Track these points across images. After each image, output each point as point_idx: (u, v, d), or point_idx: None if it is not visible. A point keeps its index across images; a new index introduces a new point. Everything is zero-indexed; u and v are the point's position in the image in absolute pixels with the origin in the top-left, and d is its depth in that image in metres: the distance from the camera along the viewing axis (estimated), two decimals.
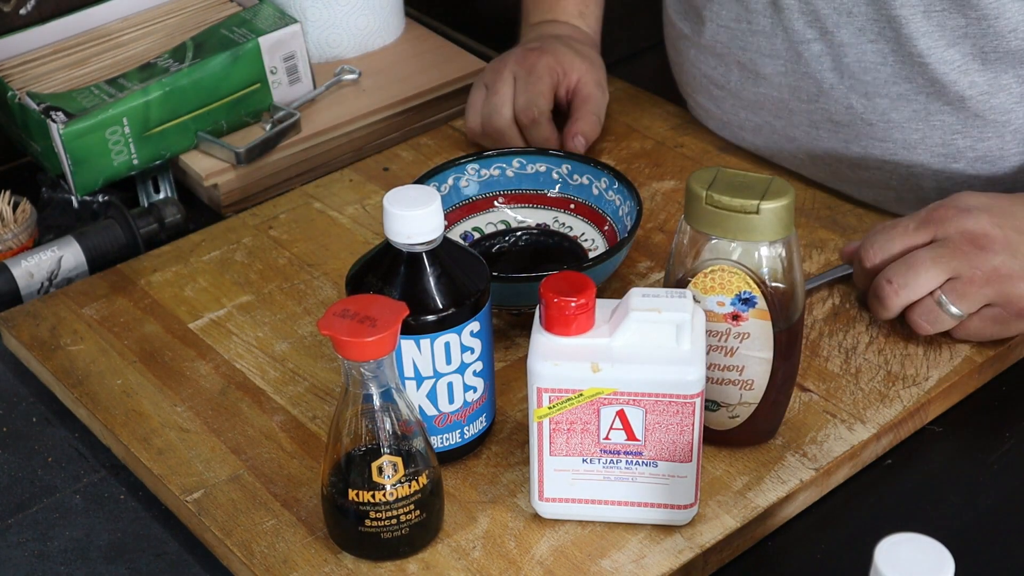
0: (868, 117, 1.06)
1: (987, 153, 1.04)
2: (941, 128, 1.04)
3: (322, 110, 1.26)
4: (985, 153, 1.05)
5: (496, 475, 0.88)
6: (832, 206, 1.11)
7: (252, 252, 1.09)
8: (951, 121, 1.03)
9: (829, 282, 1.02)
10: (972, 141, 1.04)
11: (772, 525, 0.86)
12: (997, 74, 1.01)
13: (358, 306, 0.77)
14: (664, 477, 0.81)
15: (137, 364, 0.98)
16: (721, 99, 1.16)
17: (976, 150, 1.04)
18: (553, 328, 0.79)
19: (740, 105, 1.14)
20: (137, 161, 1.17)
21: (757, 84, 1.11)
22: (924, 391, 0.93)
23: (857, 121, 1.07)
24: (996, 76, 1.01)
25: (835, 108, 1.07)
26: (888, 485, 0.90)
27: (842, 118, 1.07)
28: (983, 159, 1.05)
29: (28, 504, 0.90)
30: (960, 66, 1.01)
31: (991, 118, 1.02)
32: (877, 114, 1.05)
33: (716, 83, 1.16)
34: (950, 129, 1.04)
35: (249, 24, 1.23)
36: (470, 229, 1.06)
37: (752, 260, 0.81)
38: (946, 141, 1.05)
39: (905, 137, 1.05)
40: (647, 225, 1.10)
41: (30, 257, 1.08)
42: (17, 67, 1.21)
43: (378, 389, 0.78)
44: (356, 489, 0.79)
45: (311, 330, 1.01)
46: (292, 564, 0.82)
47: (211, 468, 0.89)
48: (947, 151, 1.05)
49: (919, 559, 0.60)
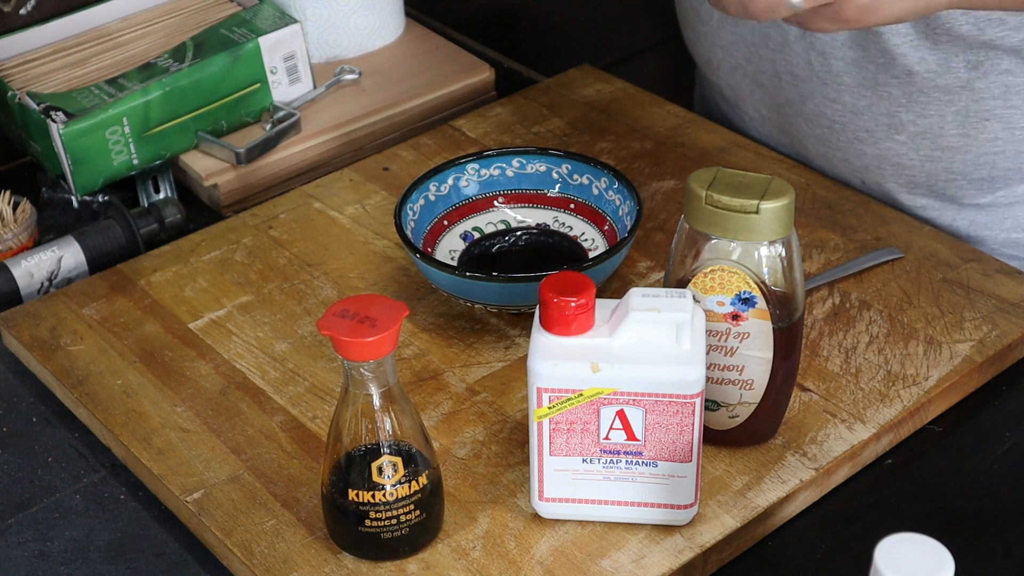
0: (823, 76, 1.09)
1: (927, 129, 1.08)
2: (888, 99, 1.07)
3: (322, 110, 1.26)
4: (926, 129, 1.08)
5: (496, 475, 0.88)
6: (832, 206, 1.11)
7: (252, 252, 1.09)
8: (897, 94, 1.07)
9: (829, 282, 1.02)
10: (914, 116, 1.07)
11: (772, 525, 0.86)
12: (947, 56, 1.03)
13: (358, 306, 0.77)
14: (664, 477, 0.81)
15: (137, 364, 0.98)
16: (704, 35, 1.20)
17: (918, 125, 1.08)
18: (553, 328, 0.79)
19: (718, 44, 1.18)
20: (137, 161, 1.17)
21: (735, 24, 1.15)
22: (924, 391, 0.93)
23: (814, 78, 1.10)
24: (946, 57, 1.03)
25: (796, 61, 1.11)
26: (888, 485, 0.90)
27: (801, 72, 1.11)
28: (923, 135, 1.08)
29: (28, 504, 0.90)
30: (912, 41, 1.03)
31: (935, 96, 1.06)
32: (831, 75, 1.09)
33: (701, 19, 1.19)
34: (895, 101, 1.07)
35: (249, 24, 1.23)
36: (470, 229, 1.06)
37: (752, 260, 0.81)
38: (891, 112, 1.08)
39: (854, 101, 1.09)
40: (647, 225, 1.10)
41: (30, 257, 1.08)
42: (17, 67, 1.21)
43: (378, 389, 0.78)
44: (356, 489, 0.79)
45: (311, 330, 1.01)
46: (292, 564, 0.82)
47: (211, 468, 0.89)
48: (891, 122, 1.08)
49: (919, 559, 0.60)
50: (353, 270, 1.07)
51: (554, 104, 1.26)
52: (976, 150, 1.09)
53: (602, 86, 1.28)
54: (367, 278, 1.06)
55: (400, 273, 1.06)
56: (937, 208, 1.14)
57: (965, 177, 1.11)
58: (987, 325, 0.98)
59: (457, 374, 0.96)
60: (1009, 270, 1.03)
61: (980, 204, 1.13)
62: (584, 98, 1.26)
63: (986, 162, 1.10)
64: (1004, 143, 1.08)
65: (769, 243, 0.81)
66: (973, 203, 1.13)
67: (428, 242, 1.03)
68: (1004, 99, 1.06)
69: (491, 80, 1.32)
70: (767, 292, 0.82)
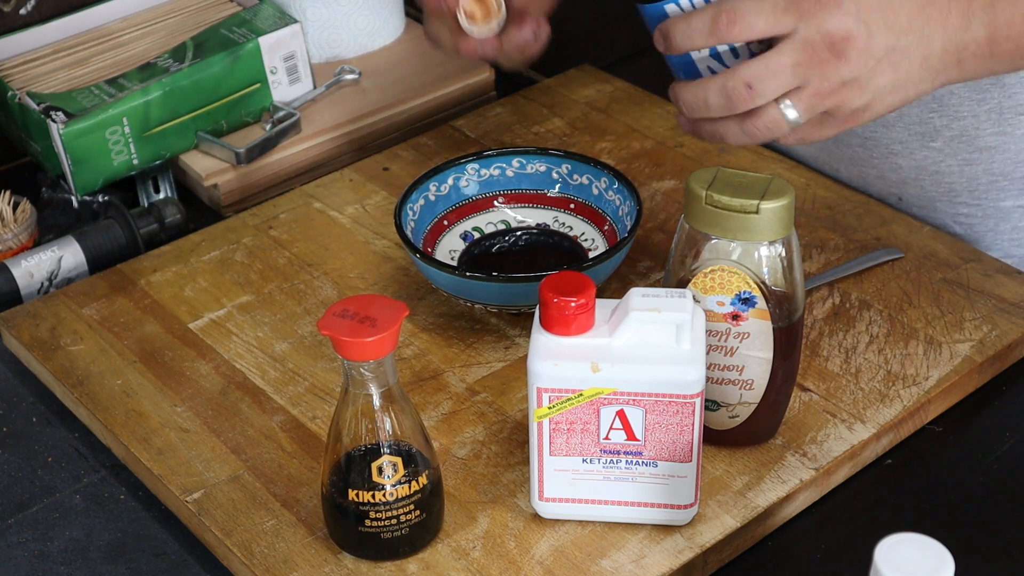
0: None
1: (963, 132, 1.05)
2: (918, 105, 1.05)
3: (322, 110, 1.26)
4: (961, 132, 1.05)
5: (496, 475, 0.88)
6: (832, 206, 1.11)
7: (252, 252, 1.09)
8: (927, 99, 1.04)
9: (829, 282, 1.02)
10: (948, 120, 1.05)
11: (772, 525, 0.86)
12: None
13: (358, 306, 0.77)
14: (664, 477, 0.81)
15: (137, 364, 0.98)
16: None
17: (952, 129, 1.05)
18: (553, 328, 0.79)
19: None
20: (137, 161, 1.17)
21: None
22: (924, 391, 0.93)
23: None
24: None
25: None
26: (888, 485, 0.90)
27: None
28: (959, 138, 1.06)
29: (28, 504, 0.90)
30: None
31: (966, 96, 1.03)
32: None
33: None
34: (926, 107, 1.05)
35: (249, 24, 1.23)
36: (470, 229, 1.06)
37: (752, 260, 0.81)
38: (923, 119, 1.06)
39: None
40: (647, 225, 1.10)
41: (30, 257, 1.08)
42: (17, 67, 1.21)
43: (378, 389, 0.78)
44: (356, 489, 0.79)
45: (311, 330, 1.01)
46: (292, 564, 0.82)
47: (211, 468, 0.89)
48: (924, 129, 1.06)
49: (919, 559, 0.60)
50: (353, 270, 1.07)
51: (554, 104, 1.26)
52: (1015, 147, 1.07)
53: (602, 86, 1.28)
54: (367, 278, 1.06)
55: (400, 273, 1.06)
56: (979, 217, 1.13)
57: (1007, 177, 1.09)
58: (987, 325, 0.98)
59: (457, 374, 0.96)
60: (1009, 270, 1.03)
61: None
62: (584, 98, 1.26)
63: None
64: None
65: (769, 243, 0.81)
66: (1019, 204, 1.12)
67: (428, 242, 1.03)
68: None
69: (491, 80, 1.32)
70: (767, 292, 0.82)
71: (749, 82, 0.84)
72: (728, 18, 0.84)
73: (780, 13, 0.84)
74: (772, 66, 0.84)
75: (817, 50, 0.83)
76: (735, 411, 0.86)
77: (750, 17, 0.84)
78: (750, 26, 0.84)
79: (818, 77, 0.84)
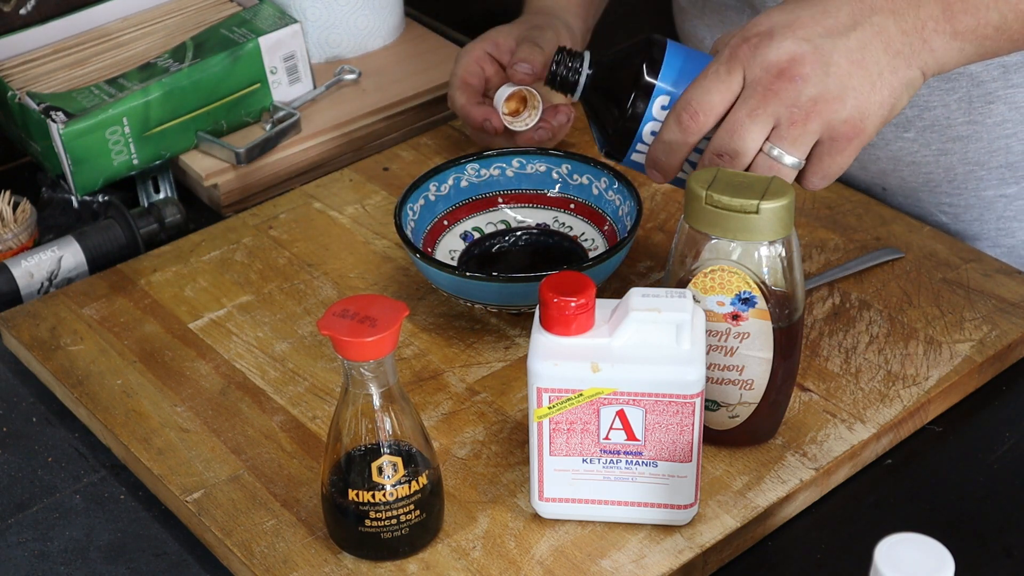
0: None
1: (934, 122, 1.06)
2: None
3: (322, 110, 1.26)
4: (932, 122, 1.07)
5: (496, 475, 0.88)
6: (832, 206, 1.11)
7: (252, 252, 1.09)
8: None
9: (829, 282, 1.02)
10: (919, 110, 1.06)
11: (772, 525, 0.86)
12: None
13: (358, 306, 0.77)
14: (664, 477, 0.81)
15: (137, 364, 0.98)
16: (697, 37, 1.22)
17: (924, 119, 1.07)
18: (553, 328, 0.79)
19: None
20: (137, 161, 1.17)
21: (732, 26, 1.14)
22: (924, 391, 0.93)
23: None
24: None
25: None
26: (888, 485, 0.90)
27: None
28: (931, 128, 1.07)
29: (28, 504, 0.90)
30: None
31: (935, 86, 1.04)
32: None
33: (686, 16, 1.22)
34: None
35: (249, 24, 1.23)
36: (470, 229, 1.06)
37: (752, 260, 0.81)
38: None
39: None
40: (647, 225, 1.10)
41: (30, 257, 1.08)
42: (17, 67, 1.21)
43: (378, 389, 0.78)
44: (356, 489, 0.79)
45: (311, 330, 1.01)
46: (292, 564, 0.82)
47: (211, 468, 0.89)
48: (897, 120, 1.07)
49: (919, 559, 0.60)
50: (353, 270, 1.07)
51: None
52: (987, 136, 1.08)
53: None
54: (367, 278, 1.06)
55: (400, 273, 1.06)
56: (963, 207, 1.13)
57: (983, 167, 1.10)
58: (987, 325, 0.98)
59: (457, 374, 0.96)
60: (1009, 270, 1.03)
61: (1007, 195, 1.12)
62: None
63: (1000, 147, 1.09)
64: (1014, 125, 1.08)
65: (769, 243, 0.81)
66: (1001, 194, 1.12)
67: (428, 242, 1.03)
68: (1004, 79, 1.06)
69: None
70: (767, 292, 0.82)
71: (719, 150, 0.86)
72: (688, 114, 0.86)
73: (725, 76, 0.85)
74: (731, 123, 0.85)
75: (768, 85, 0.84)
76: (735, 411, 0.86)
77: (704, 99, 0.85)
78: (711, 106, 0.85)
79: (783, 107, 0.84)
